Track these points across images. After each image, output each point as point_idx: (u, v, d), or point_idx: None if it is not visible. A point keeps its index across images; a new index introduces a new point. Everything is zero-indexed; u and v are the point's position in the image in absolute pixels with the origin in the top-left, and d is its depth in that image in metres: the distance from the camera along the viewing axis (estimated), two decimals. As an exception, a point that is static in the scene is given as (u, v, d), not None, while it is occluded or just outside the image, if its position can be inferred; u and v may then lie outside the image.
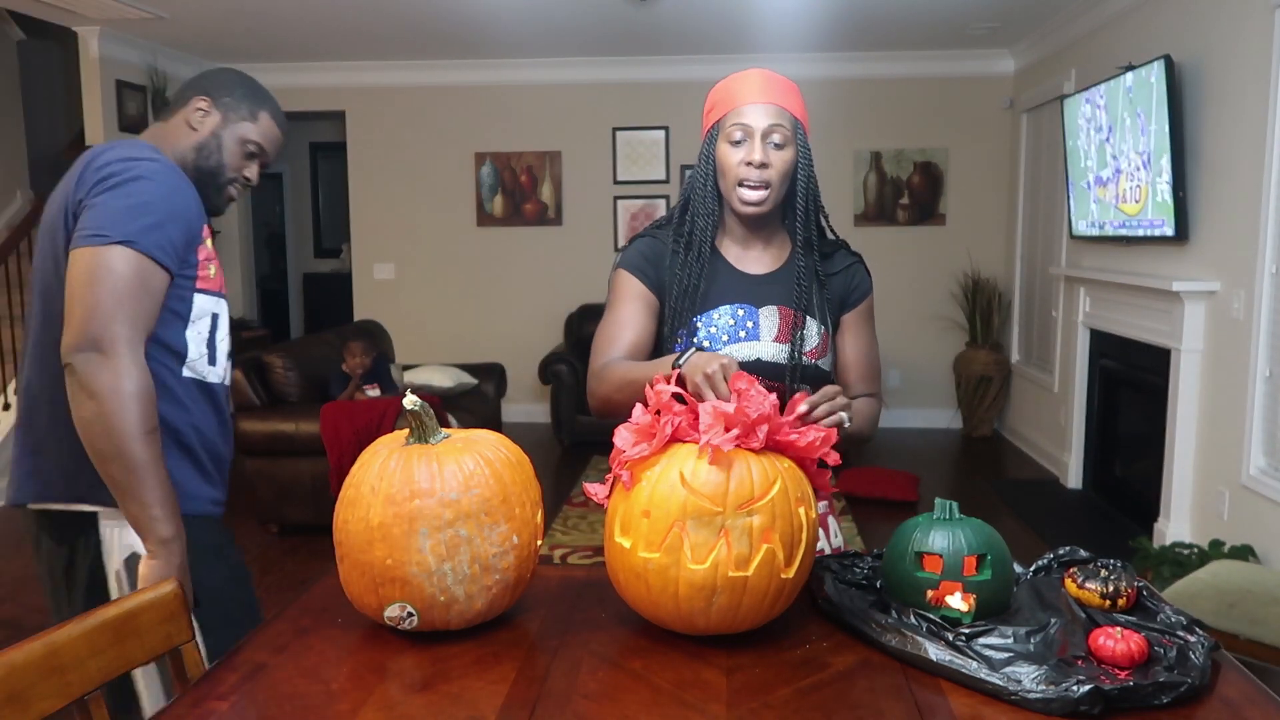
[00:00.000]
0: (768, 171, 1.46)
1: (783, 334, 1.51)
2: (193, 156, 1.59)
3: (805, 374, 1.51)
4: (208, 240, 1.56)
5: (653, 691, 1.08)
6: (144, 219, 1.40)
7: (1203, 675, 1.04)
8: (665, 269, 1.54)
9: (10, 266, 5.25)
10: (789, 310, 1.52)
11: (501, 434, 1.32)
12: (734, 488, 1.15)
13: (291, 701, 1.06)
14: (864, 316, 1.61)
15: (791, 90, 1.51)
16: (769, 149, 1.46)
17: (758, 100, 1.47)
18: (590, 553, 4.14)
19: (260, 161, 1.65)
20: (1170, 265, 4.05)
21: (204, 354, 1.55)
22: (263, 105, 1.65)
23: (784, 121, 1.46)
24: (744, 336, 1.51)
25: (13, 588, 3.77)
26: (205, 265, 1.54)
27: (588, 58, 6.43)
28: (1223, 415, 3.63)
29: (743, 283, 1.54)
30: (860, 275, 1.61)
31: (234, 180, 1.62)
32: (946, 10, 5.12)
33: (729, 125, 1.48)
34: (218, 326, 1.58)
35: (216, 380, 1.59)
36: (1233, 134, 3.56)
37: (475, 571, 1.18)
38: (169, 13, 5.15)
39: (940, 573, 1.19)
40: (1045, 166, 5.69)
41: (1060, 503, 4.87)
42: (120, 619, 1.24)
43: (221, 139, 1.60)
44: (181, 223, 1.46)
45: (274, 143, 1.66)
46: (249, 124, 1.62)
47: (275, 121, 1.66)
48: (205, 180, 1.59)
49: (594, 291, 6.68)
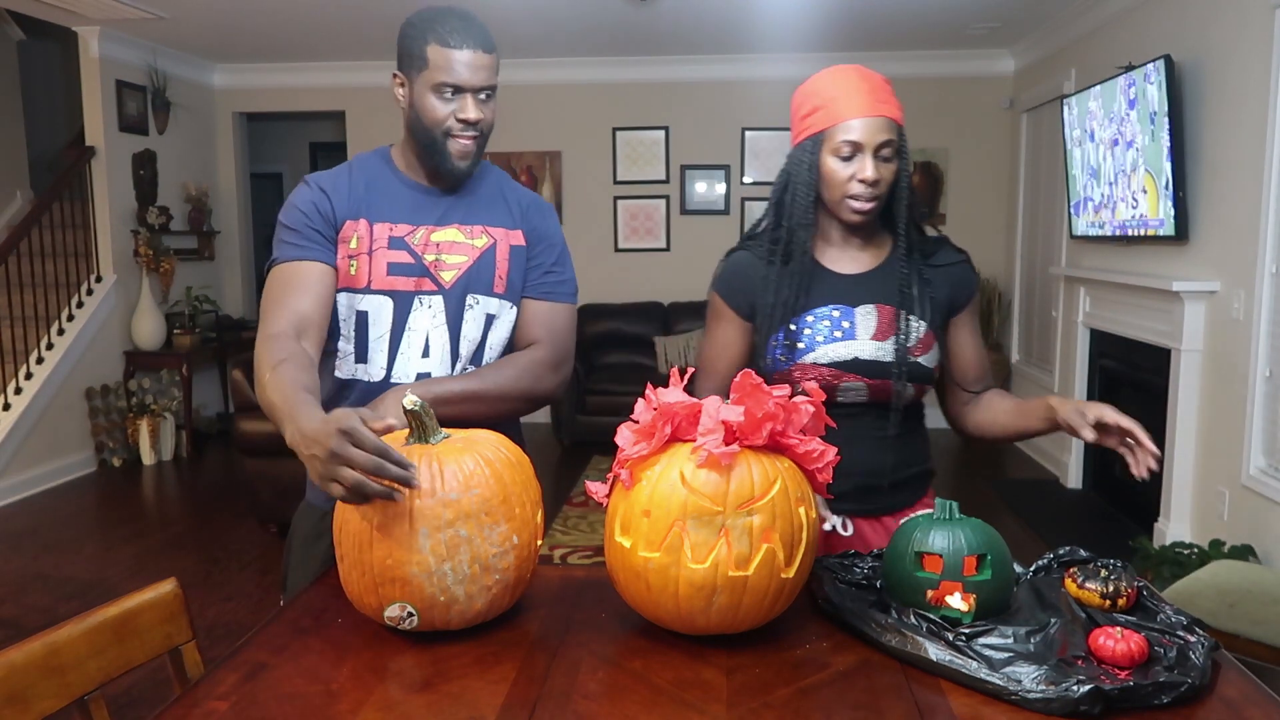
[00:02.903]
0: (878, 187, 1.46)
1: (881, 331, 1.50)
2: (409, 135, 1.54)
3: (910, 371, 1.49)
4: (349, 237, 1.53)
5: (653, 691, 1.08)
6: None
7: (1203, 675, 1.04)
8: (757, 283, 1.54)
9: (10, 266, 5.24)
10: (888, 308, 1.51)
11: (501, 435, 1.32)
12: (734, 487, 1.15)
13: (291, 701, 1.06)
14: (974, 314, 1.59)
15: (891, 93, 1.47)
16: (879, 164, 1.44)
17: (866, 114, 1.43)
18: (590, 553, 4.14)
19: (466, 94, 1.48)
20: (1170, 265, 4.05)
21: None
22: (427, 38, 1.47)
23: (893, 134, 1.44)
24: (840, 336, 1.50)
25: (13, 588, 3.77)
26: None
27: (588, 58, 6.43)
28: (1223, 415, 3.63)
29: (839, 283, 1.53)
30: (968, 273, 1.58)
31: (448, 133, 1.49)
32: (946, 10, 5.12)
33: (837, 140, 1.44)
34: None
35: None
36: (1233, 134, 3.56)
37: (475, 571, 1.18)
38: (169, 13, 5.15)
39: (940, 573, 1.19)
40: (1045, 166, 5.69)
41: (1060, 503, 4.87)
42: (120, 619, 1.24)
43: (415, 105, 1.50)
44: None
45: (460, 66, 1.46)
46: (425, 71, 1.47)
47: (443, 44, 1.45)
48: (429, 151, 1.52)
49: (594, 291, 6.68)
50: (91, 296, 5.66)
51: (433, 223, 1.56)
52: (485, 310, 1.58)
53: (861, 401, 1.52)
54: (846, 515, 1.54)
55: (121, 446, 5.72)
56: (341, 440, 1.11)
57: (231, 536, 4.39)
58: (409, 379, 1.54)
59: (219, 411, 6.74)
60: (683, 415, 1.21)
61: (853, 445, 1.44)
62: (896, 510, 1.57)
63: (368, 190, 1.55)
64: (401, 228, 1.54)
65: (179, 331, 6.01)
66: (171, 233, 6.14)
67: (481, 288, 1.57)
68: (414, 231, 1.55)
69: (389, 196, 1.56)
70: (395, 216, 1.55)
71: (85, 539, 4.40)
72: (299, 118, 7.77)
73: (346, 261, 1.52)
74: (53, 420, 5.26)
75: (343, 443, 1.11)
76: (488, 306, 1.58)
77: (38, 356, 5.25)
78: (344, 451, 1.12)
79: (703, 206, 6.70)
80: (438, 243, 1.55)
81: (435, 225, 1.56)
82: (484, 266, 1.57)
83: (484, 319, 1.58)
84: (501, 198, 1.63)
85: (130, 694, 2.74)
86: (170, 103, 6.23)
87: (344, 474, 1.11)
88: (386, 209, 1.55)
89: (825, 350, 1.50)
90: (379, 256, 1.52)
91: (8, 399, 5.03)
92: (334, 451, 1.11)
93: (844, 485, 1.44)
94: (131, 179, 5.97)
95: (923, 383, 1.53)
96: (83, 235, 5.74)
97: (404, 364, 1.55)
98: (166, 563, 4.07)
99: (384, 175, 1.58)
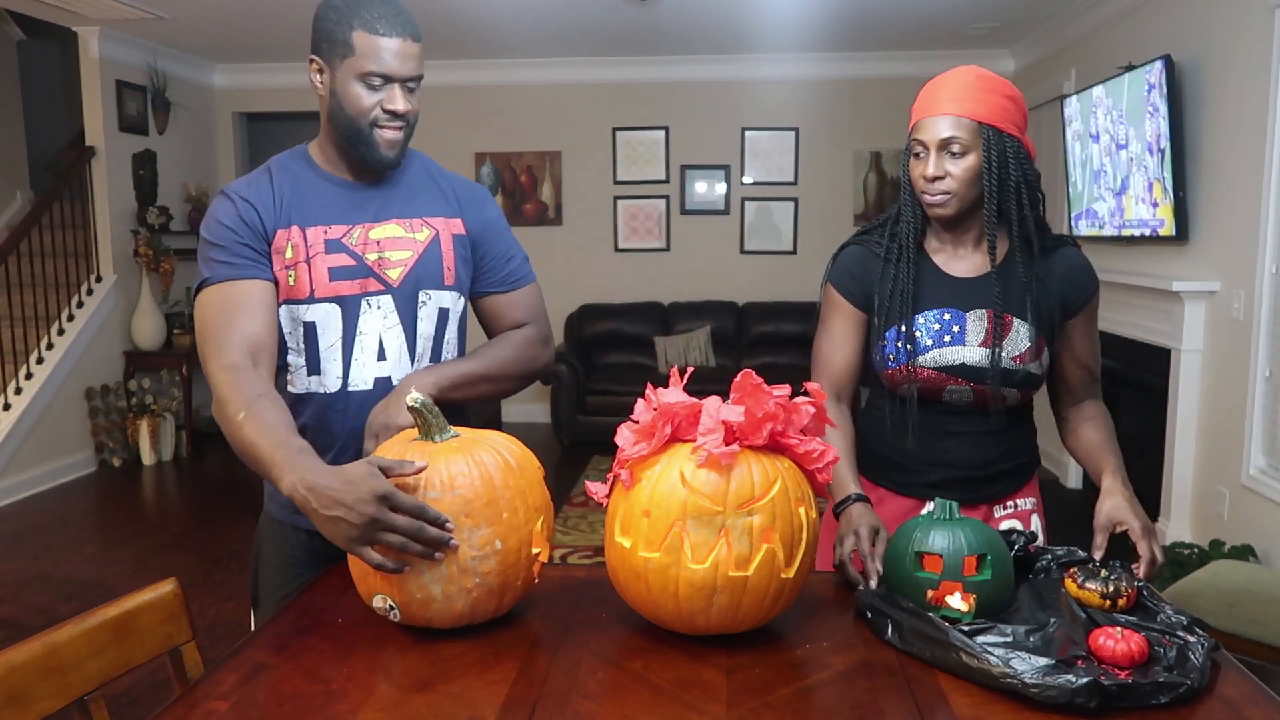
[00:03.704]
0: (944, 182, 1.46)
1: (988, 338, 1.51)
2: (331, 126, 1.46)
3: (1012, 379, 1.51)
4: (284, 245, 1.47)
5: (653, 691, 1.08)
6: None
7: (1202, 676, 1.04)
8: (874, 275, 1.57)
9: (10, 266, 5.24)
10: (994, 313, 1.51)
11: (514, 439, 1.30)
12: (734, 487, 1.15)
13: (291, 701, 1.06)
14: (1090, 317, 1.57)
15: (976, 90, 1.45)
16: (945, 159, 1.45)
17: (933, 113, 1.46)
18: (590, 553, 4.14)
19: (395, 84, 1.41)
20: (1170, 265, 4.05)
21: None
22: (352, 23, 1.39)
23: (959, 131, 1.44)
24: (949, 341, 1.52)
25: (13, 588, 3.77)
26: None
27: (588, 58, 6.43)
28: (1223, 415, 3.63)
29: (952, 286, 1.54)
30: (1086, 276, 1.56)
31: (374, 124, 1.43)
32: (946, 10, 5.12)
33: (912, 139, 1.50)
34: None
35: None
36: (1233, 134, 3.56)
37: (453, 572, 1.17)
38: (169, 13, 5.15)
39: (940, 573, 1.19)
40: (1045, 166, 5.68)
41: (1060, 503, 4.87)
42: (120, 619, 1.24)
43: (338, 93, 1.42)
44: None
45: (388, 55, 1.39)
46: (351, 59, 1.39)
47: (370, 31, 1.38)
48: (353, 143, 1.45)
49: (594, 291, 6.68)
50: (91, 296, 5.66)
51: (368, 220, 1.49)
52: (439, 305, 1.53)
53: (967, 401, 1.55)
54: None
55: (121, 446, 5.72)
56: (381, 507, 1.11)
57: (231, 536, 4.39)
58: (367, 386, 1.49)
59: (219, 411, 6.74)
60: (683, 415, 1.21)
61: (957, 440, 1.55)
62: (994, 499, 1.61)
63: (293, 194, 1.47)
64: (336, 229, 1.47)
65: (179, 331, 6.01)
66: (171, 233, 6.14)
67: (431, 282, 1.51)
68: (350, 231, 1.47)
69: (316, 198, 1.48)
70: (327, 218, 1.47)
71: (85, 539, 4.40)
72: (299, 118, 7.75)
73: (284, 273, 1.44)
74: (52, 420, 5.26)
75: (383, 509, 1.11)
76: (440, 301, 1.53)
77: (38, 356, 5.25)
78: (385, 519, 1.12)
79: (703, 206, 6.70)
80: (378, 240, 1.48)
81: (372, 222, 1.49)
82: (430, 260, 1.51)
83: (437, 314, 1.53)
84: (433, 184, 1.58)
85: (130, 694, 2.74)
86: (170, 103, 6.23)
87: (388, 539, 1.12)
88: (316, 211, 1.47)
89: (935, 354, 1.52)
90: (318, 263, 1.45)
91: (8, 399, 5.03)
92: (375, 519, 1.12)
93: (944, 475, 1.56)
94: (131, 179, 5.97)
95: (1029, 388, 1.55)
96: (83, 235, 5.74)
97: (359, 370, 1.49)
98: (166, 563, 4.07)
99: (306, 176, 1.50)
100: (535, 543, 1.25)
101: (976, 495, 1.59)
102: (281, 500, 1.54)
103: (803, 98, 6.51)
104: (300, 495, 1.17)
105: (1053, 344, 1.55)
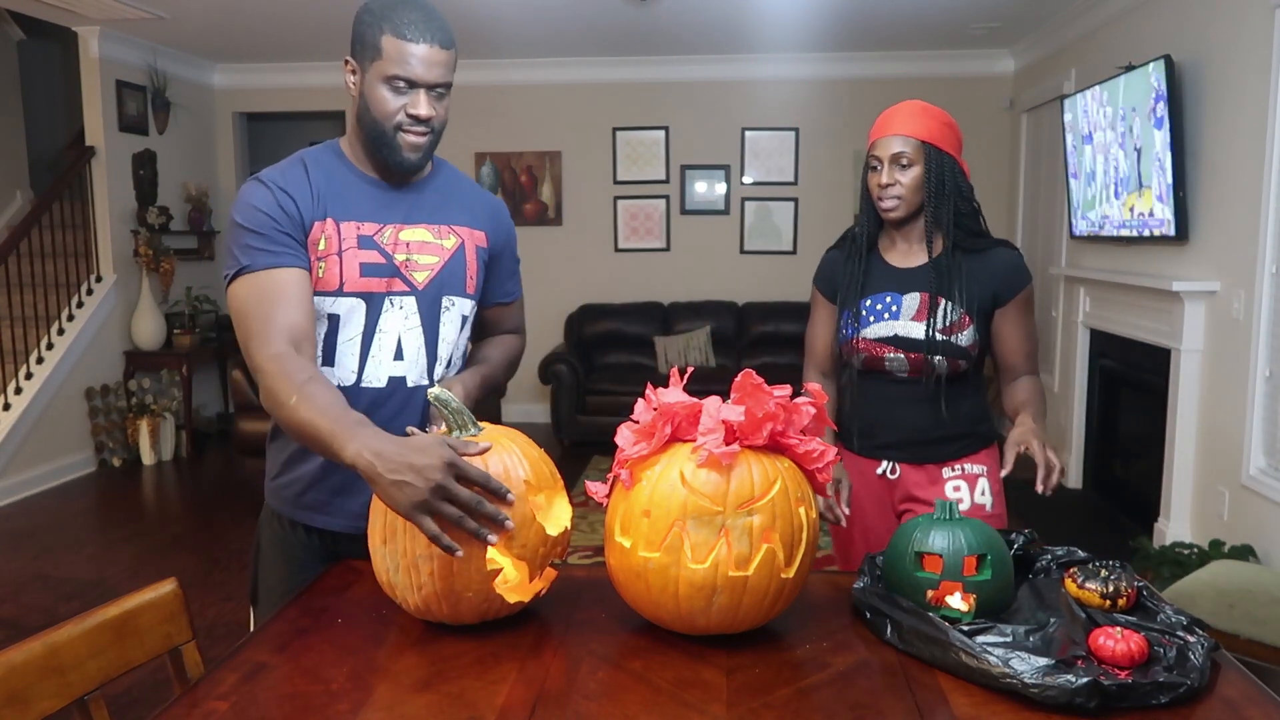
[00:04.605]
0: (894, 189, 1.77)
1: (920, 314, 1.79)
2: (358, 126, 1.48)
3: (942, 348, 1.77)
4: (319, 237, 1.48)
5: (653, 691, 1.08)
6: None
7: (1202, 676, 1.04)
8: (839, 273, 1.91)
9: (10, 266, 5.24)
10: (928, 295, 1.79)
11: (535, 449, 1.32)
12: (734, 487, 1.15)
13: (291, 701, 1.06)
14: (1020, 307, 1.81)
15: (919, 116, 1.77)
16: (895, 170, 1.76)
17: (886, 133, 1.78)
18: (590, 553, 4.15)
19: (420, 89, 1.44)
20: (1170, 265, 4.05)
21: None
22: (383, 27, 1.41)
23: (906, 147, 1.75)
24: (888, 317, 1.81)
25: (13, 588, 3.77)
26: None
27: (588, 58, 6.43)
28: (1223, 415, 3.63)
29: (895, 275, 1.84)
30: (1014, 270, 1.80)
31: (398, 128, 1.44)
32: (946, 10, 5.12)
33: (869, 155, 1.81)
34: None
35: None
36: (1233, 134, 3.56)
37: (405, 564, 1.20)
38: (169, 13, 5.14)
39: (940, 573, 1.19)
40: (1045, 166, 5.69)
41: (1060, 502, 4.87)
42: (120, 619, 1.24)
43: (366, 94, 1.45)
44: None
45: (415, 60, 1.41)
46: (378, 61, 1.42)
47: (399, 36, 1.40)
48: (377, 144, 1.47)
49: (594, 291, 6.68)
50: (91, 296, 5.66)
51: (399, 221, 1.51)
52: (460, 312, 1.57)
53: (905, 370, 1.80)
54: (895, 462, 1.84)
55: (121, 446, 5.72)
56: (448, 475, 1.13)
57: (231, 536, 4.39)
58: (381, 384, 1.50)
59: (219, 411, 6.74)
60: (683, 415, 1.21)
61: (899, 406, 1.83)
62: (941, 461, 1.83)
63: (328, 188, 1.49)
64: (369, 226, 1.49)
65: (179, 331, 6.01)
66: (171, 233, 6.14)
67: (455, 289, 1.55)
68: (381, 230, 1.50)
69: (350, 193, 1.50)
70: (361, 214, 1.49)
71: (85, 539, 4.40)
72: (299, 118, 7.76)
73: (315, 264, 1.46)
74: (52, 420, 5.26)
75: (449, 477, 1.13)
76: (463, 308, 1.57)
77: (38, 356, 5.25)
78: (450, 488, 1.13)
79: (703, 206, 6.70)
80: (407, 242, 1.51)
81: (402, 224, 1.52)
82: (456, 267, 1.55)
83: (460, 320, 1.57)
84: (461, 194, 1.61)
85: (130, 694, 2.74)
86: (170, 103, 6.23)
87: (446, 509, 1.13)
88: (350, 207, 1.49)
89: (875, 328, 1.82)
90: (350, 257, 1.47)
91: (8, 399, 5.03)
92: (441, 485, 1.13)
93: (891, 437, 1.84)
94: (131, 179, 5.97)
95: (956, 358, 1.78)
96: (83, 235, 5.73)
97: (375, 367, 1.50)
98: (166, 563, 4.07)
99: (340, 171, 1.52)
100: (491, 562, 1.21)
101: (923, 456, 1.84)
102: (285, 494, 1.55)
103: (803, 98, 6.51)
104: (365, 460, 1.17)
105: (980, 324, 1.79)
